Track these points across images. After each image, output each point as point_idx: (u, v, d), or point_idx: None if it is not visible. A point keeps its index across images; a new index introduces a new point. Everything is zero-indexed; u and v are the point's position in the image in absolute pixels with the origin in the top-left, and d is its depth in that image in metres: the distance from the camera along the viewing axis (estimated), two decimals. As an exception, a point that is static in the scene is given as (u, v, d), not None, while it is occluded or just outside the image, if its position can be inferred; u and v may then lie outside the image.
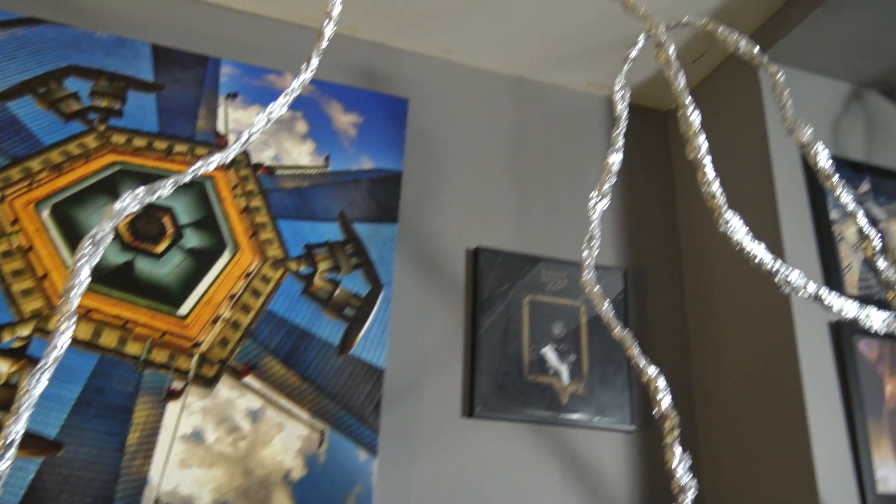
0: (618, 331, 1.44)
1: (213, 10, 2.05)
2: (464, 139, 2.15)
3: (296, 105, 1.95)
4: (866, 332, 1.79)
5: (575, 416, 1.94)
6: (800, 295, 1.20)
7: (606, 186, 1.60)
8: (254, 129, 1.15)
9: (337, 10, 1.22)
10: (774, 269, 1.18)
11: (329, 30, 1.20)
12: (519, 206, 2.13)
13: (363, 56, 2.14)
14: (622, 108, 1.67)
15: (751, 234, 1.18)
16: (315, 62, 1.20)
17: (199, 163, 1.06)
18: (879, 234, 1.44)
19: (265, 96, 1.94)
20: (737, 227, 1.19)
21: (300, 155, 1.92)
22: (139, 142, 1.82)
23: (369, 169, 1.97)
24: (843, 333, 1.77)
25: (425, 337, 1.91)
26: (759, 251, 1.19)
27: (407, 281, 1.93)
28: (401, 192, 1.97)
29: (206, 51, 1.97)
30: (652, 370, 1.37)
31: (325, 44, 1.21)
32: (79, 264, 0.88)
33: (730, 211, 1.18)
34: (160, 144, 1.83)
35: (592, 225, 1.58)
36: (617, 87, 1.68)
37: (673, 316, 2.18)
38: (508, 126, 2.22)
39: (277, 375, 1.73)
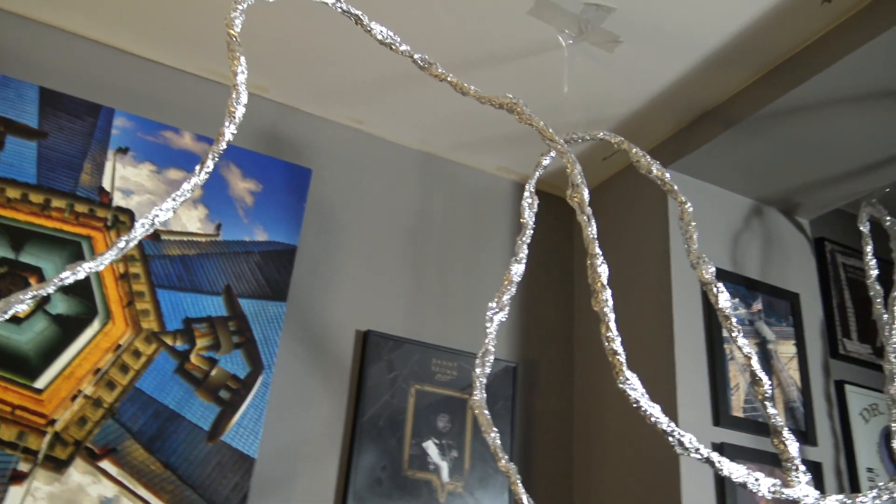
0: (503, 463, 1.41)
1: (112, 54, 1.92)
2: (366, 216, 2.10)
3: (190, 166, 1.84)
4: (748, 458, 1.83)
5: (451, 514, 1.90)
6: (692, 456, 1.20)
7: (506, 298, 1.58)
8: (134, 234, 1.06)
9: (240, 112, 1.14)
10: (669, 430, 1.18)
11: (229, 132, 1.13)
12: (416, 289, 2.09)
13: (270, 119, 2.06)
14: (529, 216, 1.66)
15: (647, 396, 1.17)
16: (210, 165, 1.12)
17: (66, 272, 0.96)
18: (770, 383, 1.47)
19: (159, 154, 1.83)
20: (635, 386, 1.18)
21: (189, 221, 1.82)
22: (13, 192, 1.66)
23: (263, 241, 1.88)
24: (725, 455, 1.80)
25: (303, 425, 1.82)
26: (654, 411, 1.18)
27: (290, 364, 1.85)
28: (293, 269, 1.89)
29: (100, 99, 1.84)
30: (533, 508, 1.34)
31: (223, 146, 1.13)
32: None
33: (629, 371, 1.17)
34: (36, 197, 1.68)
35: (488, 339, 1.55)
36: (526, 195, 1.67)
37: (560, 413, 2.17)
38: (413, 204, 2.19)
39: (138, 461, 1.60)
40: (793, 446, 1.46)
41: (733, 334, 1.51)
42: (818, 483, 1.91)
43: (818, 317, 2.17)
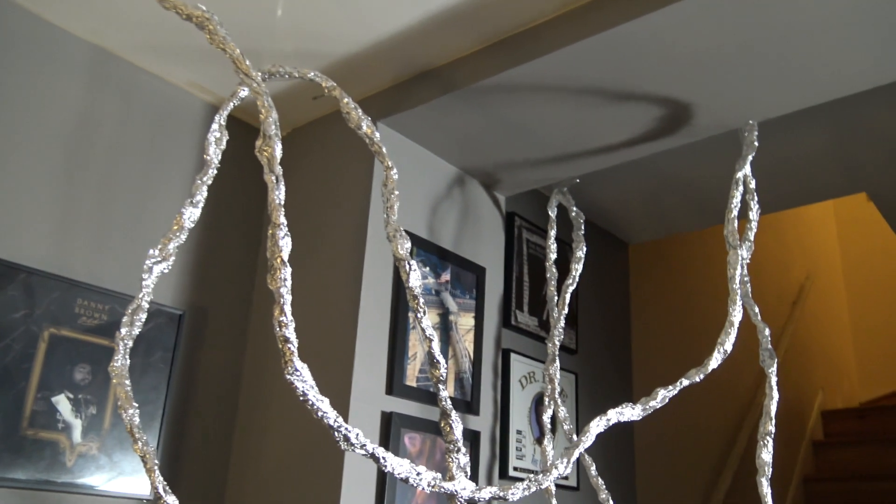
0: (140, 446, 1.19)
1: None
2: (4, 107, 1.65)
3: None
4: (413, 426, 1.81)
5: (81, 481, 1.62)
6: (357, 452, 1.11)
7: (172, 245, 1.33)
8: None
9: None
10: (336, 426, 1.08)
11: None
12: (66, 211, 1.72)
13: None
14: (214, 153, 1.42)
15: (316, 388, 1.04)
16: None
17: None
18: (446, 366, 1.43)
19: None
20: (305, 378, 1.04)
21: None
22: None
23: None
24: (393, 424, 1.77)
25: None
26: (323, 406, 1.07)
27: None
28: None
29: None
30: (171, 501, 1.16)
31: None
32: None
33: (300, 360, 1.02)
34: None
35: (142, 293, 1.30)
36: (214, 128, 1.43)
37: (227, 372, 1.97)
38: (75, 105, 1.78)
39: None
40: (458, 429, 1.47)
41: (419, 315, 1.45)
42: (475, 451, 1.97)
43: (499, 291, 2.22)
